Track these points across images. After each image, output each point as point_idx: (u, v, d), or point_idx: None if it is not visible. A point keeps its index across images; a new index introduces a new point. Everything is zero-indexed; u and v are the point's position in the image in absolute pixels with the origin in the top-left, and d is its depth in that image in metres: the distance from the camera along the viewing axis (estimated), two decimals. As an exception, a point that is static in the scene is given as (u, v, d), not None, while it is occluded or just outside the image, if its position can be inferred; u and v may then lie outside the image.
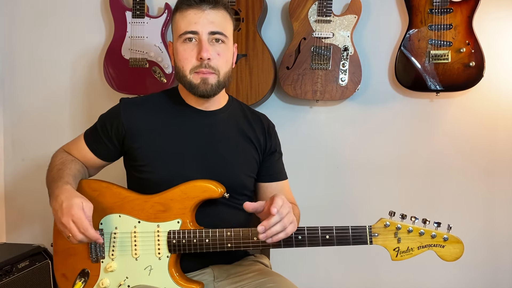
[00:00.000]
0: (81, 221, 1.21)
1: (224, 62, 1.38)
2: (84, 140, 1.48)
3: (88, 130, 1.50)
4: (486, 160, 2.04)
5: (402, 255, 1.26)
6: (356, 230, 1.26)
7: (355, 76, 1.98)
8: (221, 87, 1.39)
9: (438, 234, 1.24)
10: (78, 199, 1.23)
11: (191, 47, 1.35)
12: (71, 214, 1.21)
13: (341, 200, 2.15)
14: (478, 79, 1.89)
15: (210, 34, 1.34)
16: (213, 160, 1.41)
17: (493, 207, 2.05)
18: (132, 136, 1.41)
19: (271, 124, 1.57)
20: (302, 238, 1.27)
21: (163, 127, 1.42)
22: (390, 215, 1.26)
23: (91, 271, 1.36)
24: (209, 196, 1.34)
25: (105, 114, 1.47)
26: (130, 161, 1.44)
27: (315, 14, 1.99)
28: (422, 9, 1.93)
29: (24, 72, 2.35)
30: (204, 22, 1.34)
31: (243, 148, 1.47)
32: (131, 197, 1.36)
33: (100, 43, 2.26)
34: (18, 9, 2.33)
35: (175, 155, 1.39)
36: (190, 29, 1.34)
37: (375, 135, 2.11)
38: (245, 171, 1.46)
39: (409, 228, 1.25)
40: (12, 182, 2.40)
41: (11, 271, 1.87)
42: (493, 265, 2.06)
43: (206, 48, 1.33)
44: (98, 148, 1.46)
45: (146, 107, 1.45)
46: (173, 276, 1.32)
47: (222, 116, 1.48)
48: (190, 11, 1.34)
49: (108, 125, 1.43)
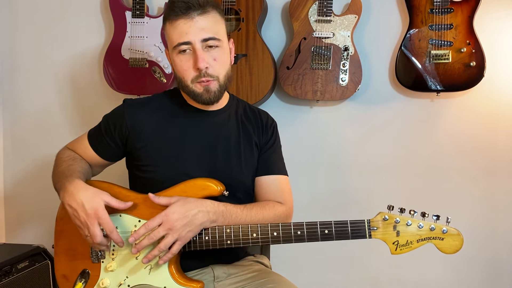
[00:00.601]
0: (108, 224, 1.25)
1: (221, 66, 1.37)
2: (88, 140, 1.48)
3: (92, 130, 1.51)
4: (486, 160, 2.03)
5: (402, 248, 1.25)
6: (355, 224, 1.26)
7: (355, 76, 1.97)
8: (223, 90, 1.40)
9: (437, 226, 1.24)
10: (98, 198, 1.26)
11: (187, 58, 1.34)
12: (97, 216, 1.24)
13: (342, 200, 2.15)
14: (478, 79, 1.89)
15: (203, 42, 1.33)
16: (215, 159, 1.42)
17: (493, 207, 2.05)
18: (135, 136, 1.42)
19: (269, 120, 1.55)
20: (301, 233, 1.27)
21: (165, 127, 1.43)
22: (389, 209, 1.26)
23: (91, 271, 1.36)
24: (208, 194, 1.34)
25: (109, 115, 1.48)
26: (133, 161, 1.45)
27: (316, 14, 1.98)
28: (422, 9, 1.93)
29: (24, 72, 2.34)
30: (195, 31, 1.32)
31: (244, 148, 1.47)
32: (131, 196, 1.37)
33: (99, 43, 2.25)
34: (18, 9, 2.33)
35: (178, 155, 1.40)
36: (182, 40, 1.32)
37: (375, 135, 2.11)
38: (246, 171, 1.46)
39: (408, 221, 1.24)
40: (11, 183, 2.40)
41: (10, 272, 1.87)
42: (493, 264, 2.06)
43: (202, 57, 1.32)
44: (102, 148, 1.47)
45: (149, 108, 1.45)
46: (173, 275, 1.32)
47: (224, 116, 1.48)
48: (180, 21, 1.32)
49: (112, 126, 1.44)
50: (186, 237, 1.26)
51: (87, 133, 1.51)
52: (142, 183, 1.42)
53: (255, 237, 1.29)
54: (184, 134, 1.42)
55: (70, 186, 1.29)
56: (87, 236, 1.26)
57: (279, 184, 1.49)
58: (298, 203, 1.94)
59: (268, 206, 1.41)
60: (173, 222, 1.24)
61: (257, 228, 1.29)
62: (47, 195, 2.28)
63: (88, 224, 1.25)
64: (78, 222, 1.27)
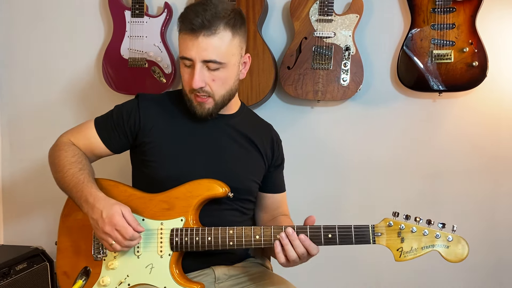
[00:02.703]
0: (125, 229, 1.26)
1: (220, 86, 1.37)
2: (95, 129, 1.46)
3: (100, 119, 1.48)
4: (489, 161, 2.02)
5: (406, 255, 1.23)
6: (359, 229, 1.25)
7: (356, 76, 1.96)
8: (219, 108, 1.41)
9: (442, 234, 1.22)
10: (116, 206, 1.28)
11: (189, 71, 1.35)
12: (113, 223, 1.26)
13: (343, 202, 2.13)
14: (481, 79, 1.87)
15: (203, 62, 1.33)
16: (221, 163, 1.43)
17: (497, 208, 2.03)
18: (146, 131, 1.42)
19: (278, 136, 1.60)
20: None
21: (175, 127, 1.44)
22: (394, 215, 1.24)
23: (92, 269, 1.37)
24: (213, 194, 1.34)
25: (122, 106, 1.47)
26: (139, 155, 1.45)
27: (316, 13, 1.97)
28: (424, 8, 1.91)
29: (22, 71, 2.33)
30: (199, 50, 1.31)
31: (250, 155, 1.48)
32: (136, 195, 1.38)
33: (99, 42, 2.24)
34: (15, 8, 2.31)
35: (184, 156, 1.41)
36: (185, 55, 1.33)
37: (377, 136, 2.10)
38: (252, 177, 1.48)
39: (413, 228, 1.22)
40: (9, 183, 2.38)
41: (8, 273, 1.87)
42: (496, 266, 2.05)
43: (197, 78, 1.32)
44: (110, 138, 1.45)
45: (161, 106, 1.46)
46: (173, 275, 1.31)
47: (233, 122, 1.49)
48: (186, 36, 1.32)
49: (125, 117, 1.43)
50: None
51: (93, 122, 1.47)
52: (146, 179, 1.42)
53: (258, 239, 1.28)
54: (192, 135, 1.43)
55: (91, 199, 1.30)
56: (112, 244, 1.27)
57: (282, 200, 1.60)
58: (299, 205, 1.95)
59: (286, 222, 1.51)
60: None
61: (260, 230, 1.28)
62: (45, 195, 2.28)
63: (108, 232, 1.26)
64: (99, 233, 1.29)
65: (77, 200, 1.34)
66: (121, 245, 1.27)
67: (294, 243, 1.23)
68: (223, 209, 1.41)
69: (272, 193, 1.57)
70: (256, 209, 1.58)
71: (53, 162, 1.44)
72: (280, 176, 1.60)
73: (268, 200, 1.57)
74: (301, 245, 1.23)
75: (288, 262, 1.25)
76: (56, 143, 1.48)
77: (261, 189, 1.54)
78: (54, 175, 1.43)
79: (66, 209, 1.46)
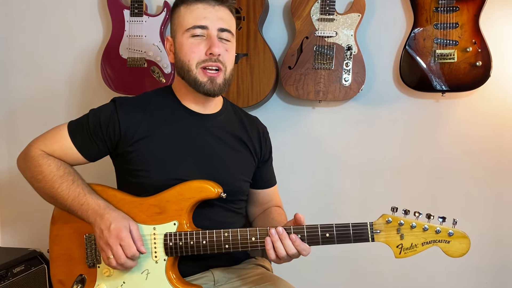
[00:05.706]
0: (129, 246, 1.24)
1: (230, 59, 1.38)
2: (70, 139, 1.37)
3: (74, 126, 1.38)
4: (493, 162, 2.01)
5: (406, 252, 1.21)
6: (357, 227, 1.23)
7: (358, 76, 1.95)
8: (227, 85, 1.39)
9: (443, 229, 1.19)
10: (125, 221, 1.26)
11: (199, 42, 1.33)
12: (120, 237, 1.24)
13: (345, 202, 2.12)
14: (485, 79, 1.85)
15: (219, 31, 1.34)
16: (210, 164, 1.39)
17: (501, 210, 2.02)
18: (128, 139, 1.35)
19: (265, 128, 1.58)
20: (302, 237, 1.24)
21: (159, 130, 1.38)
22: (393, 210, 1.22)
23: (87, 277, 1.35)
24: (205, 196, 1.31)
25: (99, 112, 1.38)
26: (124, 164, 1.39)
27: (318, 12, 1.96)
28: (427, 7, 1.90)
29: (20, 71, 2.32)
30: (214, 18, 1.33)
31: (239, 153, 1.46)
32: (126, 200, 1.35)
33: (97, 42, 2.23)
34: (13, 7, 2.30)
35: (172, 160, 1.36)
36: (199, 24, 1.32)
37: (379, 136, 2.09)
38: (242, 176, 1.46)
39: (412, 224, 1.20)
40: (6, 185, 2.37)
41: (6, 276, 1.86)
42: (500, 269, 2.03)
43: (218, 43, 1.32)
44: (88, 149, 1.37)
45: (141, 109, 1.39)
46: (170, 280, 1.30)
47: (219, 120, 1.46)
48: (199, 5, 1.33)
49: (104, 125, 1.35)
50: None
51: (66, 130, 1.38)
52: (133, 187, 1.37)
53: (254, 241, 1.26)
54: (178, 137, 1.38)
55: (99, 208, 1.29)
56: (109, 257, 1.24)
57: (274, 194, 1.60)
58: (299, 205, 1.93)
59: (277, 212, 1.52)
60: None
61: (256, 232, 1.26)
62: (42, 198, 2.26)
63: (111, 245, 1.24)
64: (101, 243, 1.26)
65: (81, 212, 1.30)
66: (118, 262, 1.24)
67: (284, 241, 1.22)
68: (217, 211, 1.39)
69: (263, 188, 1.56)
70: (248, 204, 1.57)
71: (34, 177, 1.35)
72: (269, 170, 1.58)
73: (260, 196, 1.56)
74: (291, 244, 1.22)
75: (278, 259, 1.24)
76: (29, 155, 1.37)
77: (252, 186, 1.53)
78: (40, 190, 1.36)
79: (53, 218, 1.42)
